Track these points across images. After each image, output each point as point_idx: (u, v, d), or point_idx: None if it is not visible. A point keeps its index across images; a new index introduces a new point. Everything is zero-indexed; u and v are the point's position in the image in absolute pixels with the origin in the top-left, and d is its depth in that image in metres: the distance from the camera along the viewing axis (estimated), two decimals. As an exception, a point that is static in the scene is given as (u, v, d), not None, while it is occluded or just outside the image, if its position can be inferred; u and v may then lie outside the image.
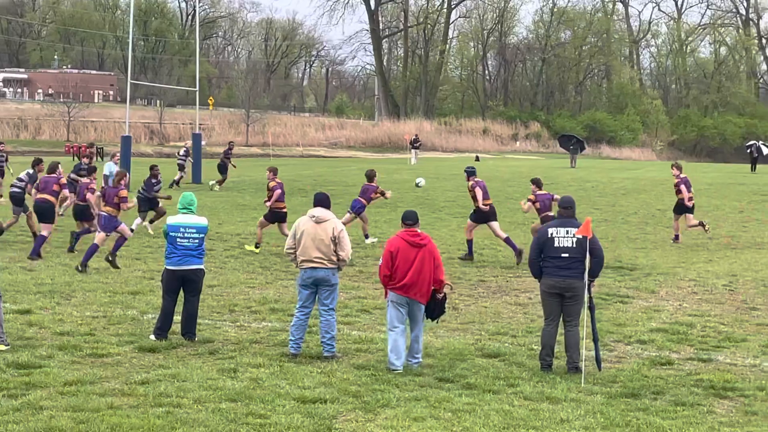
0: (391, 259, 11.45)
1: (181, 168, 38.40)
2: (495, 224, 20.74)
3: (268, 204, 21.36)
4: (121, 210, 18.54)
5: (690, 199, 24.03)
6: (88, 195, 20.47)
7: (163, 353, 11.92)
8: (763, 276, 19.06)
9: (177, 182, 37.43)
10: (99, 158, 58.16)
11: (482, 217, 20.71)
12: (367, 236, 23.02)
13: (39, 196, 20.02)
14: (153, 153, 66.85)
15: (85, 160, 25.71)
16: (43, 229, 19.75)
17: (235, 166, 40.25)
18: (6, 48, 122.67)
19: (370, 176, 22.82)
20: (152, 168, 24.25)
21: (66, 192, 20.83)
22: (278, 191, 21.14)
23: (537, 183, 20.52)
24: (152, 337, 12.54)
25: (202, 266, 12.74)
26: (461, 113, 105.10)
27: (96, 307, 14.70)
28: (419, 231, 11.64)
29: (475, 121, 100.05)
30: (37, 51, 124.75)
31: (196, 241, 12.57)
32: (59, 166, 20.80)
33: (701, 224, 24.11)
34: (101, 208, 18.74)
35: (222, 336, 12.95)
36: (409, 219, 11.69)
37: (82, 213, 20.84)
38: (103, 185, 21.67)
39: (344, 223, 22.25)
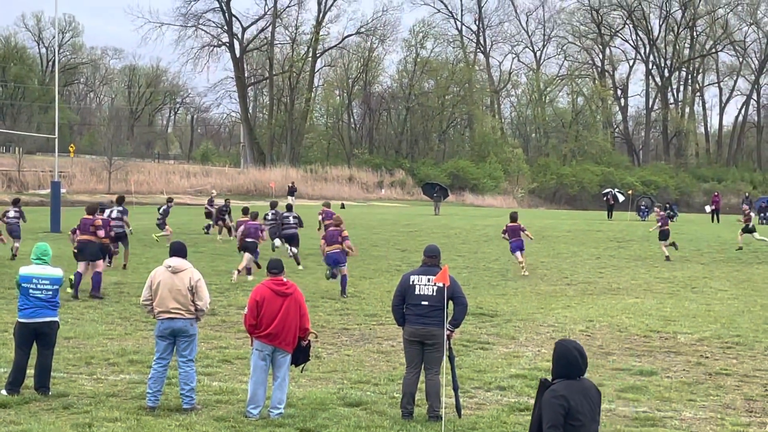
0: (257, 308, 11.40)
1: (209, 216, 40.06)
2: (100, 263, 22.25)
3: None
4: (344, 246, 22.50)
5: None
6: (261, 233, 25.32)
7: (14, 408, 11.51)
8: (618, 321, 19.59)
9: (208, 229, 39.21)
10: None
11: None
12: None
13: (81, 237, 22.21)
14: (10, 201, 64.75)
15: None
16: (97, 266, 21.85)
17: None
18: None
19: (514, 218, 26.84)
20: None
21: (101, 233, 22.20)
22: None
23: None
24: (3, 392, 12.12)
25: (56, 318, 12.39)
26: (327, 161, 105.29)
27: (-56, 362, 14.13)
28: (285, 279, 11.62)
29: (340, 169, 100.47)
30: None
31: (50, 292, 12.24)
32: (99, 207, 23.00)
33: None
34: (325, 249, 22.74)
35: (77, 389, 12.59)
36: (275, 268, 11.68)
37: (247, 248, 25.17)
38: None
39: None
